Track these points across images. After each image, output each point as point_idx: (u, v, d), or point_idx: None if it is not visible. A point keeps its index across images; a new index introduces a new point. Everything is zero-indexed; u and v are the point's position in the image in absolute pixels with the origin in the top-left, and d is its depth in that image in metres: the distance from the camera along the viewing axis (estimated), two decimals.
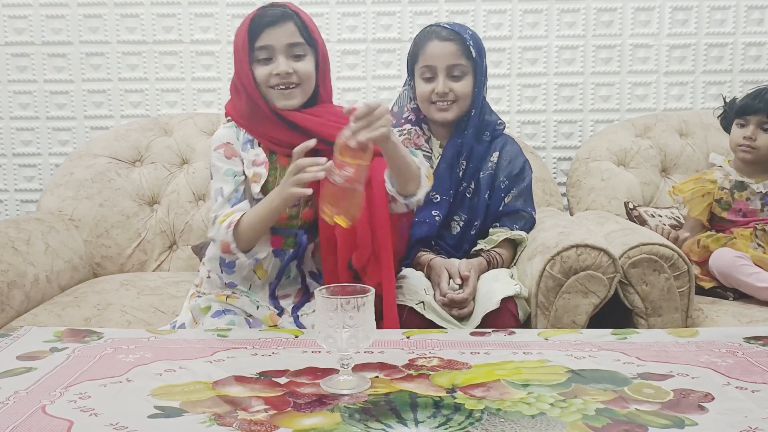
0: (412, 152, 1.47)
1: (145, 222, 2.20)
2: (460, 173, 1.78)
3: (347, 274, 1.46)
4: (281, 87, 1.48)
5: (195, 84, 2.47)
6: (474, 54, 1.74)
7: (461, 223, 1.78)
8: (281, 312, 1.54)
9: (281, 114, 1.49)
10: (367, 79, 2.47)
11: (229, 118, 1.56)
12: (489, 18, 2.45)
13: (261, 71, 1.47)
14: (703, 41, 2.47)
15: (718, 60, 2.47)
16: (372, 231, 1.45)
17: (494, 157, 1.80)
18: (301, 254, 1.55)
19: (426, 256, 1.72)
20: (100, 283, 2.02)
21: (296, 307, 1.55)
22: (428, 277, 1.67)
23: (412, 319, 1.52)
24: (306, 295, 1.58)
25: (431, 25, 1.80)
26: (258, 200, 1.49)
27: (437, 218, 1.75)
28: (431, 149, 1.82)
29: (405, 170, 1.41)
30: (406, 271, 1.68)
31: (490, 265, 1.71)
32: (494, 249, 1.74)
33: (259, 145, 1.53)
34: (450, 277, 1.61)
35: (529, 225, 1.82)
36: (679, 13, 2.45)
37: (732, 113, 2.03)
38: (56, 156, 2.49)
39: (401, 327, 1.46)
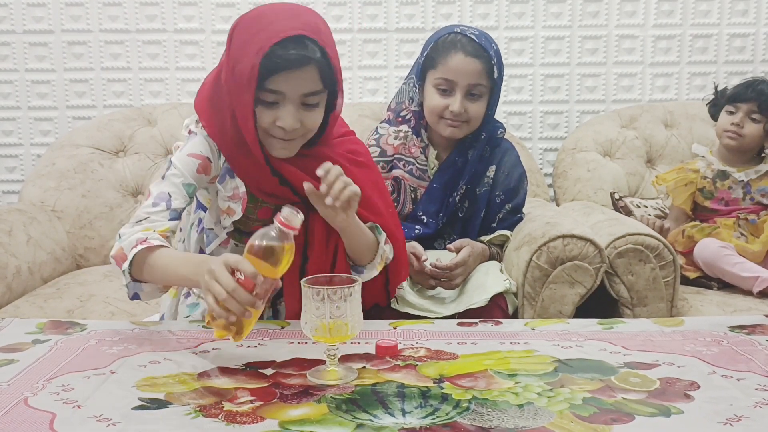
0: (378, 230, 1.37)
1: (129, 213, 2.17)
2: (457, 197, 1.69)
3: None
4: (281, 138, 1.27)
5: (179, 74, 2.45)
6: (496, 74, 1.62)
7: (448, 241, 1.71)
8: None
9: (274, 165, 1.29)
10: (353, 69, 2.46)
11: (201, 126, 1.32)
12: (475, 8, 2.44)
13: (264, 116, 1.23)
14: (688, 32, 2.47)
15: (703, 51, 2.48)
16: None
17: (491, 171, 1.71)
18: None
19: None
20: (83, 274, 2.00)
21: (275, 297, 1.50)
22: None
23: (379, 316, 1.50)
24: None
25: (456, 32, 1.63)
26: (227, 230, 1.36)
27: (416, 232, 1.68)
28: (426, 159, 1.71)
29: (359, 242, 1.33)
30: None
31: (491, 257, 1.69)
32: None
33: None
34: (416, 258, 1.56)
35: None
36: (665, 4, 2.46)
37: (723, 100, 2.06)
38: (38, 146, 2.46)
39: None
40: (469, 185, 1.70)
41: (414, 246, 1.59)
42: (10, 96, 2.44)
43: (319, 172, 1.23)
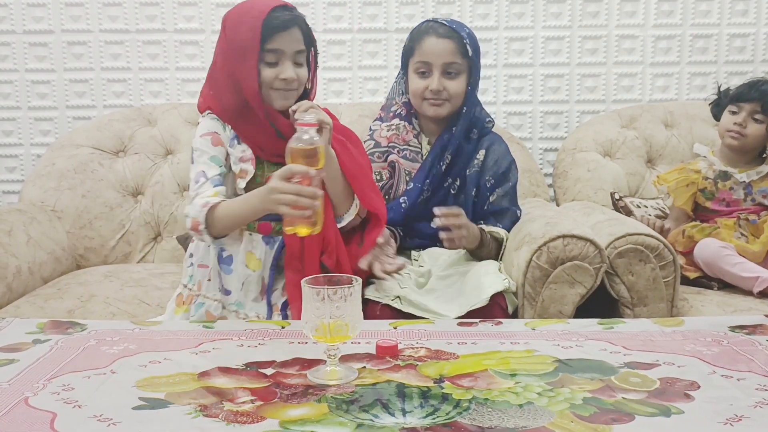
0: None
1: (129, 213, 2.18)
2: (443, 166, 1.76)
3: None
4: (283, 90, 1.51)
5: (179, 74, 2.45)
6: (470, 53, 1.73)
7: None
8: (270, 314, 1.50)
9: (273, 120, 1.50)
10: (353, 69, 2.46)
11: (208, 111, 1.56)
12: (475, 8, 2.44)
13: (267, 73, 1.48)
14: (688, 32, 2.47)
15: (703, 51, 2.48)
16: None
17: (480, 155, 1.79)
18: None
19: None
20: (83, 274, 2.00)
21: (285, 304, 1.51)
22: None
23: (385, 316, 1.50)
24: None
25: (429, 21, 1.79)
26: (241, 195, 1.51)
27: (403, 205, 1.73)
28: (420, 145, 1.80)
29: (337, 187, 1.50)
30: None
31: (482, 244, 1.69)
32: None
33: None
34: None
35: (514, 222, 1.80)
36: (665, 4, 2.45)
37: (726, 100, 2.06)
38: (38, 146, 2.45)
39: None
40: (459, 161, 1.76)
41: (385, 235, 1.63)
42: (10, 96, 2.44)
43: (293, 107, 1.45)
